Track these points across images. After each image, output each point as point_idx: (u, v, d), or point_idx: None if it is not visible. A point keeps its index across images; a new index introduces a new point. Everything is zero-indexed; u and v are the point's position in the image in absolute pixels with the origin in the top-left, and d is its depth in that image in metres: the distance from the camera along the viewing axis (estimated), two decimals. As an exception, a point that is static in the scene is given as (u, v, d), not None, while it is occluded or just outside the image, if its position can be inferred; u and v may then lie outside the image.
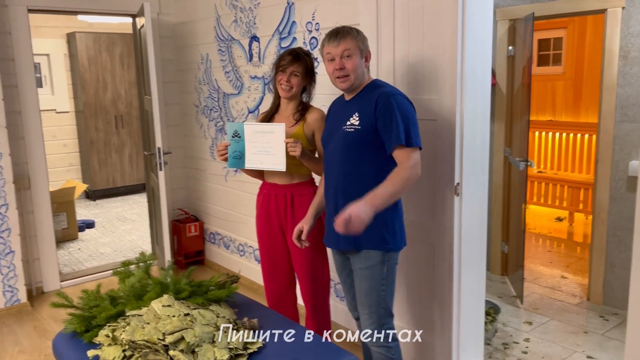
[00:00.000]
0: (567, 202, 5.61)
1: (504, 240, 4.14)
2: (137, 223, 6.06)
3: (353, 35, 2.10)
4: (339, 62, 2.09)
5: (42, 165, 3.99)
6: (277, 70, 2.50)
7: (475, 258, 2.65)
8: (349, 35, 2.09)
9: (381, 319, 2.18)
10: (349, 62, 2.08)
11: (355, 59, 2.09)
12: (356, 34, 2.12)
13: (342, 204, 2.14)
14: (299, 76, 2.48)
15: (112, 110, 7.14)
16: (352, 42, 2.08)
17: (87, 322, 1.91)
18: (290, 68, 2.46)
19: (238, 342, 1.74)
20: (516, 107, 3.94)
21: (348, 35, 2.09)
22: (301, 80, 2.49)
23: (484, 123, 2.59)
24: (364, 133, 2.07)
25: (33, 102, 3.90)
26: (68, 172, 7.32)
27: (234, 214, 4.19)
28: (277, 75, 2.51)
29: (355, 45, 2.09)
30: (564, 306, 3.63)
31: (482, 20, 2.47)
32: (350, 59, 2.08)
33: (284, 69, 2.48)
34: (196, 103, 4.43)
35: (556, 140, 5.98)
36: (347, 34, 2.09)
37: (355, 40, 2.10)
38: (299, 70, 2.47)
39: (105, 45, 6.95)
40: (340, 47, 2.08)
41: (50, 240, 4.09)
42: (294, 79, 2.48)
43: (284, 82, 2.49)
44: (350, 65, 2.08)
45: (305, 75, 2.50)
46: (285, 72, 2.48)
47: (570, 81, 5.92)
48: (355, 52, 2.09)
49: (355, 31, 2.13)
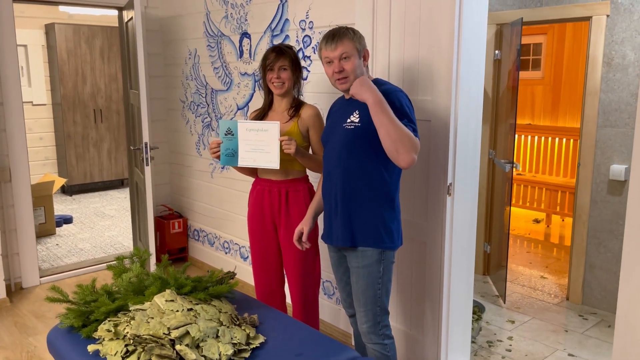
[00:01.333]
0: (545, 204, 5.74)
1: (487, 240, 4.21)
2: (116, 219, 5.97)
3: (350, 36, 2.12)
4: (338, 64, 2.11)
5: (24, 158, 3.91)
6: (265, 69, 2.53)
7: (465, 257, 2.70)
8: (345, 37, 2.10)
9: (377, 316, 2.21)
10: (347, 63, 2.10)
11: (354, 60, 2.11)
12: (352, 34, 2.14)
13: (341, 202, 2.16)
14: (287, 69, 2.52)
15: (91, 104, 7.02)
16: (349, 44, 2.10)
17: (84, 316, 1.89)
18: (278, 64, 2.50)
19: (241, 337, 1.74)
20: (501, 110, 4.02)
21: (345, 37, 2.10)
22: (291, 74, 2.53)
23: (477, 125, 2.64)
24: (364, 130, 2.09)
25: (16, 94, 3.81)
26: (44, 166, 7.17)
27: (219, 211, 4.16)
28: (267, 74, 2.53)
29: (352, 47, 2.11)
30: (545, 305, 3.73)
31: (477, 23, 2.52)
32: (349, 61, 2.10)
33: (271, 66, 2.50)
34: (182, 98, 4.39)
35: (535, 144, 6.11)
36: (343, 36, 2.11)
37: (352, 41, 2.11)
38: (286, 64, 2.51)
39: (85, 37, 6.82)
40: (337, 51, 2.10)
41: (30, 235, 4.00)
42: (283, 73, 2.51)
43: (274, 80, 2.51)
44: (348, 67, 2.10)
45: (293, 68, 2.54)
46: (273, 69, 2.50)
47: (549, 86, 6.06)
48: (352, 53, 2.11)
49: (352, 32, 2.15)
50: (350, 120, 2.14)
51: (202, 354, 1.62)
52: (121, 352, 1.63)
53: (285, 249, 2.63)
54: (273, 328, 1.93)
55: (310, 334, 1.92)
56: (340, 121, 2.19)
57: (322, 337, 1.92)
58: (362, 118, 2.11)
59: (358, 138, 2.11)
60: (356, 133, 2.11)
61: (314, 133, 2.57)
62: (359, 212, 2.15)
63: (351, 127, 2.13)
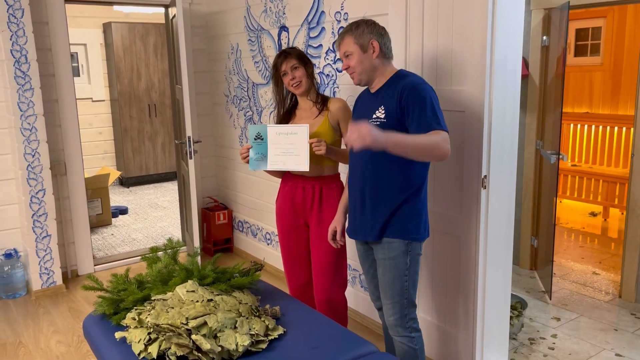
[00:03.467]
0: (602, 196, 5.47)
1: (534, 234, 4.07)
2: (169, 210, 6.19)
3: (350, 33, 2.15)
4: (345, 62, 2.19)
5: (78, 152, 4.11)
6: (279, 78, 2.58)
7: (502, 251, 2.61)
8: (345, 36, 2.17)
9: (404, 309, 2.19)
10: (350, 60, 2.16)
11: (356, 56, 2.14)
12: (354, 29, 2.15)
13: (367, 195, 2.15)
14: (298, 67, 2.54)
15: (146, 99, 7.28)
16: (348, 42, 2.15)
17: (115, 304, 1.98)
18: (288, 65, 2.53)
19: (259, 329, 1.77)
20: (549, 99, 3.85)
21: (345, 36, 2.16)
22: (303, 70, 2.54)
23: (514, 115, 2.55)
24: (390, 125, 2.06)
25: (69, 91, 4.01)
26: (103, 159, 7.51)
27: (261, 203, 4.23)
28: (284, 80, 2.57)
29: (352, 43, 2.14)
30: (594, 303, 3.56)
31: (513, 9, 2.42)
32: (352, 57, 2.15)
33: (284, 71, 2.54)
34: (226, 93, 4.48)
35: (592, 133, 5.82)
36: (343, 35, 2.17)
37: (352, 37, 2.14)
38: (295, 63, 2.53)
39: (139, 35, 7.07)
40: (340, 51, 2.18)
41: (84, 225, 4.21)
42: (296, 72, 2.54)
43: (291, 81, 2.54)
44: (352, 63, 2.15)
45: (303, 64, 2.55)
46: (287, 73, 2.54)
47: (609, 72, 5.74)
48: (354, 49, 2.14)
49: (354, 26, 2.16)
50: (375, 116, 2.13)
51: (219, 344, 1.66)
52: (144, 340, 1.69)
53: (315, 246, 2.63)
54: (295, 320, 1.95)
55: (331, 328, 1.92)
56: (366, 115, 2.18)
57: (343, 331, 1.92)
58: (387, 113, 2.09)
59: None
60: (382, 128, 2.08)
61: (344, 125, 2.56)
62: (385, 205, 2.14)
63: (377, 123, 2.11)
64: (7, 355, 3.07)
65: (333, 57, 3.24)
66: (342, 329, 1.94)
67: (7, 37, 3.52)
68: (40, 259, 3.83)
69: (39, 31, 3.81)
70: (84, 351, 3.07)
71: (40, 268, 3.84)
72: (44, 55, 3.85)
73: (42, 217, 3.80)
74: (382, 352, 1.90)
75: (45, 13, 3.85)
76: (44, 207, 3.80)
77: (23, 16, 3.55)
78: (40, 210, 3.79)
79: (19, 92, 3.60)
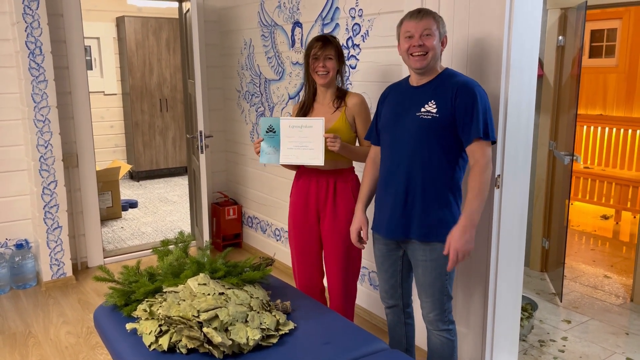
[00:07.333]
0: (614, 199, 5.42)
1: (545, 236, 4.03)
2: (178, 205, 6.20)
3: (433, 17, 2.10)
4: (418, 39, 2.07)
5: (90, 144, 4.12)
6: (310, 58, 2.52)
7: (514, 251, 2.59)
8: (430, 16, 2.09)
9: (444, 304, 2.20)
10: (428, 40, 2.07)
11: (434, 39, 2.08)
12: (437, 17, 2.12)
13: (412, 191, 2.11)
14: (332, 59, 2.50)
15: (157, 94, 7.30)
16: (433, 23, 2.08)
17: (126, 296, 1.98)
18: (324, 53, 2.48)
19: (270, 323, 1.77)
20: (563, 100, 3.81)
21: (429, 15, 2.09)
22: (335, 63, 2.51)
23: (529, 115, 2.52)
24: (441, 122, 2.04)
25: (83, 84, 4.02)
26: (114, 152, 7.55)
27: (271, 199, 4.23)
28: (312, 63, 2.52)
29: (435, 26, 2.09)
30: (606, 306, 3.53)
31: (530, 8, 2.39)
32: (430, 37, 2.07)
33: (317, 55, 2.49)
34: (238, 88, 4.48)
35: (605, 136, 5.77)
36: (428, 14, 2.10)
37: (436, 22, 2.10)
38: (331, 53, 2.50)
39: (152, 29, 7.09)
40: (421, 25, 2.06)
41: (95, 218, 4.23)
42: (328, 62, 2.50)
43: (320, 69, 2.50)
44: (429, 42, 2.07)
45: (338, 58, 2.52)
46: (319, 58, 2.49)
47: (624, 74, 5.68)
48: (434, 32, 2.08)
49: (436, 14, 2.13)
50: (425, 110, 2.09)
51: (230, 338, 1.66)
52: (155, 332, 1.70)
53: (327, 241, 2.60)
54: (305, 316, 1.94)
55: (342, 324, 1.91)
56: (410, 109, 2.13)
57: (354, 328, 1.91)
58: (440, 109, 2.06)
59: (435, 129, 2.06)
60: (433, 123, 2.06)
61: (360, 121, 2.54)
62: (433, 207, 2.10)
63: (427, 117, 2.07)
64: (17, 345, 3.09)
65: (347, 54, 3.23)
66: (353, 325, 1.93)
67: (22, 28, 3.54)
68: (50, 250, 3.85)
69: (54, 23, 3.82)
70: (93, 342, 3.08)
71: (50, 259, 3.86)
72: (58, 48, 3.87)
73: (54, 208, 3.82)
74: (393, 349, 1.89)
75: (60, 5, 3.87)
76: (56, 199, 3.82)
77: (38, 8, 3.57)
78: (51, 201, 3.80)
79: (32, 84, 3.62)
